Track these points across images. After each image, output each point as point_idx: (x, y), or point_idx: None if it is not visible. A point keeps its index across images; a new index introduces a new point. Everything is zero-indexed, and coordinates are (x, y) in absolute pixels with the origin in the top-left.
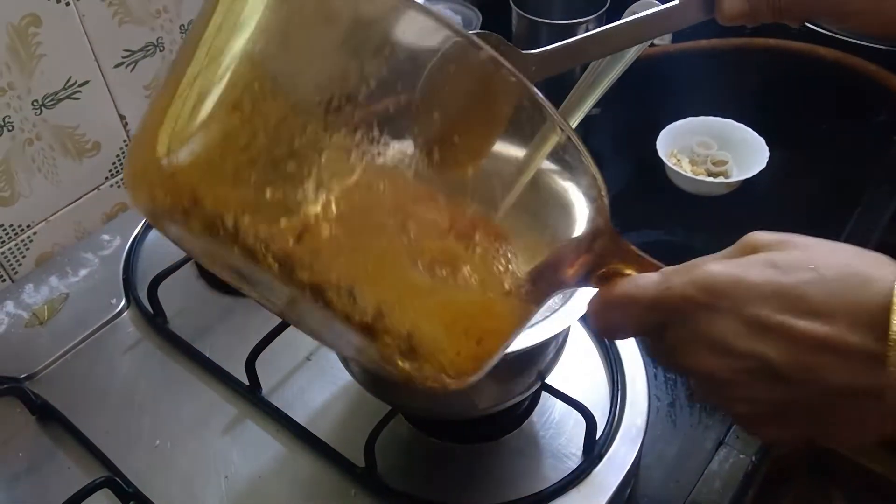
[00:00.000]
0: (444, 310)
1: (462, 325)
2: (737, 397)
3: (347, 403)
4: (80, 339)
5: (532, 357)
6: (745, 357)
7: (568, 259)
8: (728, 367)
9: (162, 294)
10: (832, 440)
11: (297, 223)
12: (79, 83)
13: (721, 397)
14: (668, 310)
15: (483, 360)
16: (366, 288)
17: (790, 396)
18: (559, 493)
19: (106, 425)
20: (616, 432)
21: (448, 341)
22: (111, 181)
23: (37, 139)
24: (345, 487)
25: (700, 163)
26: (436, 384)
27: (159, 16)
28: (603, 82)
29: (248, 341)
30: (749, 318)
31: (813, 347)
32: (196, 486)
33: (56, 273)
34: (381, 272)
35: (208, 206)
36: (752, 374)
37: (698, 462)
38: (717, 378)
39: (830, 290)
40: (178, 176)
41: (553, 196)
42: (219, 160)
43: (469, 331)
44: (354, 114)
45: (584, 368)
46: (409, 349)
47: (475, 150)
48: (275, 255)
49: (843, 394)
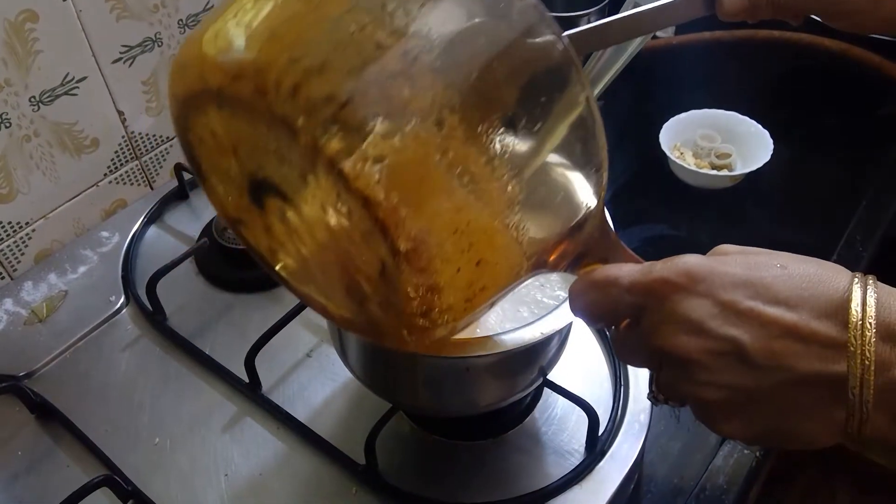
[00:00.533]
0: (456, 215)
1: (467, 239)
2: (705, 381)
3: (348, 400)
4: (79, 336)
5: (534, 353)
6: (718, 339)
7: (563, 234)
8: (701, 348)
9: (161, 291)
10: (795, 438)
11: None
12: (76, 79)
13: (689, 381)
14: (646, 292)
15: (473, 299)
16: (391, 174)
17: (757, 383)
18: (562, 489)
19: (105, 423)
20: (619, 428)
21: (451, 249)
22: (110, 177)
23: (35, 136)
24: (345, 485)
25: (703, 156)
26: (423, 317)
27: (157, 11)
28: (605, 75)
29: (248, 338)
30: (723, 301)
31: (781, 334)
32: (196, 484)
33: (55, 270)
34: (406, 160)
35: (268, 68)
36: (723, 357)
37: (702, 457)
38: (688, 359)
39: (796, 284)
40: (241, 49)
41: (563, 166)
42: (283, 33)
43: (472, 247)
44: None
45: (587, 364)
46: (412, 249)
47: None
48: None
49: (808, 381)
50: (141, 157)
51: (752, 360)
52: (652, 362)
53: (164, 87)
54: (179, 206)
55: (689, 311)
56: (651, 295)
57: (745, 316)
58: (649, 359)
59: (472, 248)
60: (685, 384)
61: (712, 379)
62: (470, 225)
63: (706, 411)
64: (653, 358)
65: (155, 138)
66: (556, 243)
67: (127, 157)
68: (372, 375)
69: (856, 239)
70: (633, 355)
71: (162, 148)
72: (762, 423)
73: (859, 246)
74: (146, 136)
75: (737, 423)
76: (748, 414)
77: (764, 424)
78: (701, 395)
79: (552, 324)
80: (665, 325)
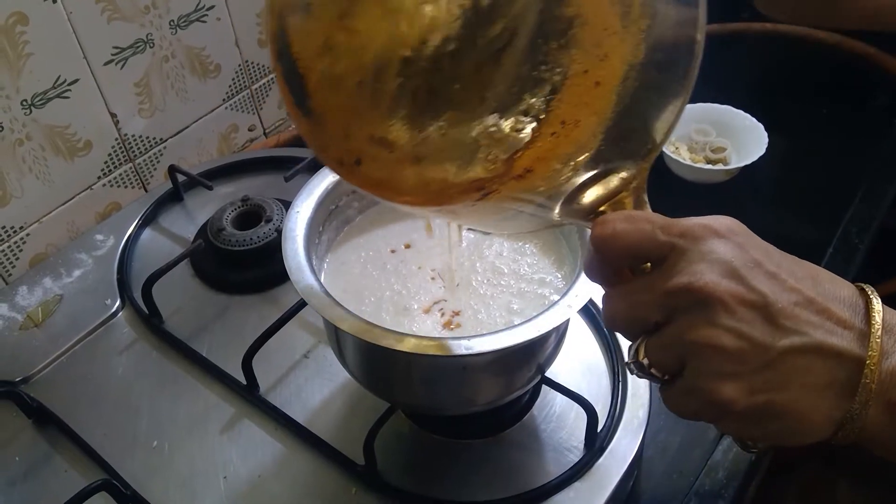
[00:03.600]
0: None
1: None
2: (728, 326)
3: (346, 401)
4: (75, 340)
5: (532, 350)
6: (750, 288)
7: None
8: (733, 292)
9: (157, 294)
10: (790, 416)
11: None
12: (68, 82)
13: (710, 324)
14: (683, 233)
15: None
16: None
17: (774, 342)
18: (561, 486)
19: (103, 427)
20: (618, 425)
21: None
22: (104, 180)
23: (27, 139)
24: (345, 485)
25: (698, 150)
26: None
27: (148, 12)
28: None
29: (245, 340)
30: (755, 259)
31: (802, 302)
32: (195, 487)
33: (50, 274)
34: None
35: None
36: (751, 309)
37: (701, 453)
38: (718, 299)
39: (807, 270)
40: None
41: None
42: None
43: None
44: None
45: (585, 361)
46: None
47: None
48: None
49: (822, 352)
50: (134, 159)
51: (775, 319)
52: (664, 310)
53: (156, 89)
54: (174, 208)
55: (727, 255)
56: (688, 235)
57: (772, 277)
58: (662, 306)
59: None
60: (702, 328)
61: (735, 325)
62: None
63: (711, 365)
64: (668, 302)
65: (148, 140)
66: (615, 168)
67: (120, 160)
68: (369, 375)
69: (851, 231)
70: (639, 306)
71: (156, 150)
72: (763, 393)
73: (855, 238)
74: (139, 139)
75: (739, 386)
76: (754, 377)
77: (765, 395)
78: (718, 340)
79: (550, 320)
80: (700, 263)
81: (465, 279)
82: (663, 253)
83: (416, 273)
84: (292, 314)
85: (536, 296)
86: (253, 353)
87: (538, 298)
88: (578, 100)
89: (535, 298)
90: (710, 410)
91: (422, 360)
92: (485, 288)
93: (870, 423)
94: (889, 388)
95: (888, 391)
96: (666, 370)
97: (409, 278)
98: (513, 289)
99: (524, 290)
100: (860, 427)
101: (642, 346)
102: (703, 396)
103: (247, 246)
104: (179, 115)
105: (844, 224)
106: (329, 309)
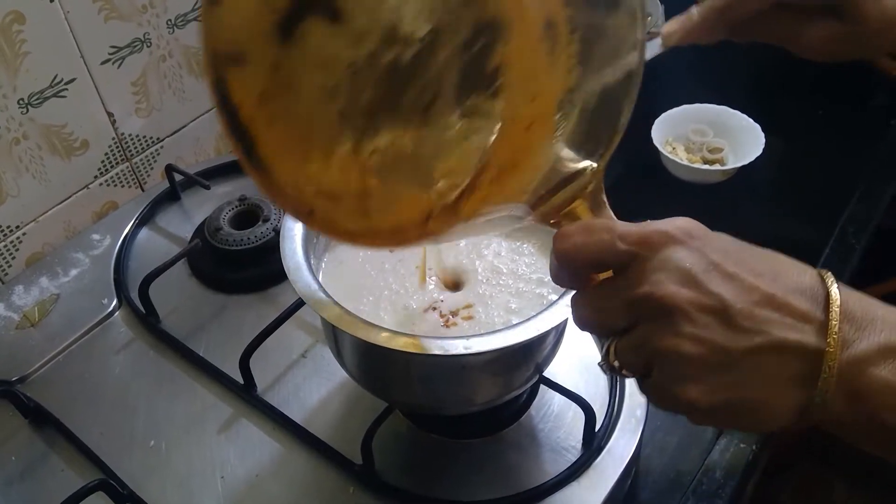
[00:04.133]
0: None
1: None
2: (687, 333)
3: (344, 400)
4: (72, 340)
5: (530, 350)
6: (707, 293)
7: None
8: (690, 299)
9: (153, 293)
10: (754, 410)
11: None
12: (65, 81)
13: (670, 332)
14: (641, 241)
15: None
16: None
17: (735, 344)
18: (559, 486)
19: (100, 427)
20: (615, 424)
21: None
22: (100, 179)
23: (24, 138)
24: (342, 485)
25: (696, 150)
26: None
27: (146, 11)
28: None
29: (242, 339)
30: (713, 261)
31: (761, 300)
32: (192, 486)
33: (46, 274)
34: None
35: None
36: (709, 313)
37: (699, 452)
38: (676, 308)
39: (769, 264)
40: None
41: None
42: None
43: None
44: None
45: (583, 360)
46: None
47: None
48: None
49: (782, 349)
50: (131, 158)
51: (734, 321)
52: (629, 317)
53: (153, 88)
54: (171, 208)
55: (684, 262)
56: (646, 244)
57: (731, 278)
58: (626, 313)
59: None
60: (664, 337)
61: (695, 332)
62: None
63: (675, 370)
64: (631, 311)
65: (145, 139)
66: (569, 175)
67: (117, 159)
68: (367, 375)
69: (848, 231)
70: (604, 312)
71: (153, 149)
72: (725, 392)
73: (852, 238)
74: (136, 138)
75: (701, 388)
76: (716, 379)
77: (727, 393)
78: (679, 348)
79: (548, 320)
80: (658, 272)
81: (458, 263)
82: (624, 262)
83: (414, 272)
84: (290, 314)
85: (535, 295)
86: (250, 353)
87: (537, 298)
88: (514, 143)
89: (533, 298)
90: (678, 407)
91: (420, 359)
92: (483, 287)
93: (834, 411)
94: (851, 377)
95: (850, 381)
96: (635, 371)
97: (408, 277)
98: (511, 288)
99: (522, 290)
100: (824, 414)
101: (612, 347)
102: (670, 396)
103: (244, 245)
104: (176, 115)
105: (841, 224)
106: (327, 308)
